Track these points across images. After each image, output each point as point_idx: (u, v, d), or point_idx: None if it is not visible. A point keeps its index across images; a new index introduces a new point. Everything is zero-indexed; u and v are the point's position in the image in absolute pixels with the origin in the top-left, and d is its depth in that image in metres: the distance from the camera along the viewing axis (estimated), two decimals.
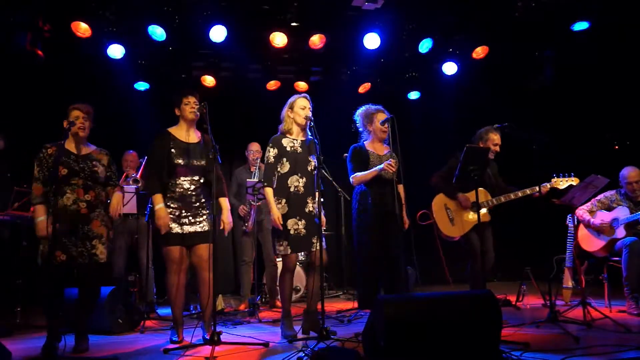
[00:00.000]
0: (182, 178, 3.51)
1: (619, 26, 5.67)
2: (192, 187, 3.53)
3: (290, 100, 3.76)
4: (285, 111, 3.75)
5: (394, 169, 3.91)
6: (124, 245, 5.06)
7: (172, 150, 3.50)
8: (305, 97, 3.74)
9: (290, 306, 3.70)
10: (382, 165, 3.98)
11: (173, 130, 3.61)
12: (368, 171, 4.13)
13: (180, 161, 3.49)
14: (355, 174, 4.18)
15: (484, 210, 4.36)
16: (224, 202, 3.63)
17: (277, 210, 3.53)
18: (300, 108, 3.67)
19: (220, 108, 3.72)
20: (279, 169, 3.64)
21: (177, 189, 3.51)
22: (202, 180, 3.58)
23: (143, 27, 5.38)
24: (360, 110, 4.38)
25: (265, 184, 3.61)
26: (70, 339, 3.37)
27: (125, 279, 5.00)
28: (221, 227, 3.60)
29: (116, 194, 3.55)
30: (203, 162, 3.54)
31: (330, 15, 5.59)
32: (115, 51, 5.55)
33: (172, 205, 3.49)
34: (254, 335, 3.58)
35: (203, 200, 3.57)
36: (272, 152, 3.65)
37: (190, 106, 3.55)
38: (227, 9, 5.33)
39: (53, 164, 3.28)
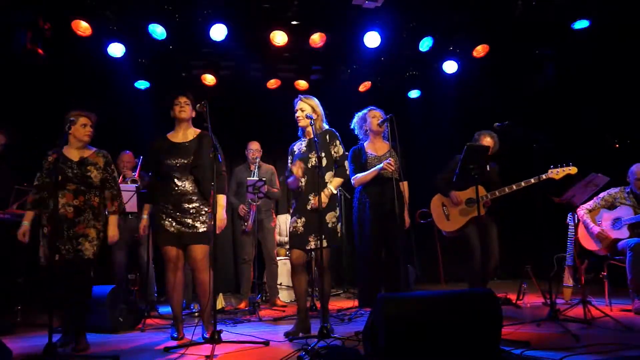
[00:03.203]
0: (174, 178, 3.53)
1: (619, 25, 5.65)
2: (183, 186, 3.54)
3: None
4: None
5: (392, 168, 3.95)
6: (125, 244, 5.06)
7: (162, 151, 3.55)
8: (299, 99, 3.82)
9: (305, 303, 3.75)
10: (381, 165, 4.03)
11: (170, 133, 3.68)
12: (368, 172, 4.19)
13: (169, 161, 3.52)
14: (356, 176, 4.24)
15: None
16: (221, 199, 3.59)
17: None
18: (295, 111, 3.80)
19: (221, 107, 3.73)
20: None
21: (170, 189, 3.53)
22: (192, 179, 3.57)
23: (143, 26, 5.38)
24: (355, 119, 4.51)
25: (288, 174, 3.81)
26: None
27: (126, 278, 5.01)
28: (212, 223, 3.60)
29: (111, 217, 3.55)
30: (189, 161, 3.54)
31: (330, 13, 5.59)
32: (116, 50, 5.56)
33: (166, 205, 3.52)
34: (254, 334, 3.59)
35: (196, 199, 3.55)
36: (289, 159, 3.87)
37: (180, 106, 3.60)
38: (228, 7, 5.33)
39: (52, 172, 3.28)
